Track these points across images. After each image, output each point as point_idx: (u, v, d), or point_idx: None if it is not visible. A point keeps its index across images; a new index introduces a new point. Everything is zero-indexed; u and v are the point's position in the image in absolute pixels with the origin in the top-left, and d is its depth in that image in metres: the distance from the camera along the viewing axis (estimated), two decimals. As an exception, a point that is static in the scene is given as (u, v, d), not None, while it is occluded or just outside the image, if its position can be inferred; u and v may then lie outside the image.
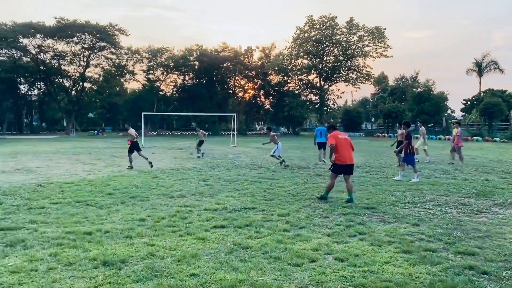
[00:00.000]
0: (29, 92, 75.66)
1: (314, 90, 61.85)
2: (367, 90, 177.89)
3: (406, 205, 8.31)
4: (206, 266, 4.75)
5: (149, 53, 65.02)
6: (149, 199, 8.80)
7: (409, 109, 53.90)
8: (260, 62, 66.20)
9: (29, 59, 64.01)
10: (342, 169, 8.75)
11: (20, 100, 73.13)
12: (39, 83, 70.51)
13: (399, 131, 15.62)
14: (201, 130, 21.49)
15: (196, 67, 66.94)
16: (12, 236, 5.83)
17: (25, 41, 59.97)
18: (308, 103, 62.65)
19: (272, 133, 16.92)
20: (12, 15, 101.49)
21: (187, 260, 4.89)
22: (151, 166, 14.84)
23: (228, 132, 59.00)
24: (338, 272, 4.59)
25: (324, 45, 57.10)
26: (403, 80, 78.15)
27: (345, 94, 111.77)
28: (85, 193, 9.49)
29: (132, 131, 15.68)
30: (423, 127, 18.36)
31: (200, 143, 20.41)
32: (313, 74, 60.48)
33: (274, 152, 15.93)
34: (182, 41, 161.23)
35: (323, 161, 16.72)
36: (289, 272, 4.60)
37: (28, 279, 4.28)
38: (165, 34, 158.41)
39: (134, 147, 15.43)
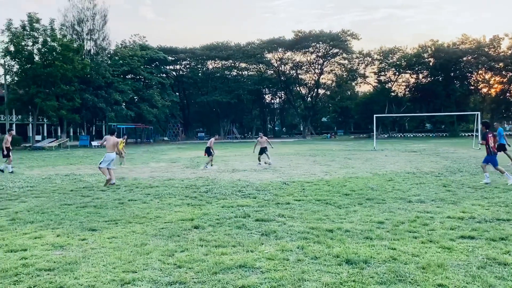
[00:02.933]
0: (272, 101, 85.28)
1: None
2: None
3: None
4: (455, 278, 4.34)
5: (381, 54, 64.38)
6: (385, 202, 8.65)
7: None
8: (510, 52, 57.28)
9: (272, 71, 72.14)
10: None
11: (265, 108, 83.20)
12: (280, 92, 78.66)
13: None
14: (264, 137, 18.61)
15: (430, 64, 62.80)
16: (266, 227, 6.61)
17: (269, 55, 67.91)
18: None
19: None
20: (259, 34, 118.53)
21: (433, 269, 4.57)
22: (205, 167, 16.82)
23: (469, 133, 53.16)
24: None
25: None
26: None
27: None
28: (324, 192, 10.03)
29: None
30: None
31: (262, 151, 17.90)
32: None
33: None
34: (415, 38, 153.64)
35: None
36: None
37: (282, 267, 4.75)
38: (396, 34, 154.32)
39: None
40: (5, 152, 16.40)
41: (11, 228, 6.78)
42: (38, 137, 51.13)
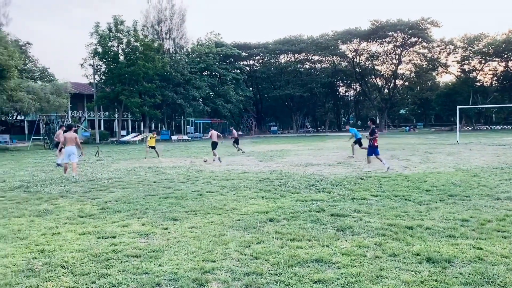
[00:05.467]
0: (346, 93, 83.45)
1: None
2: None
3: None
4: (552, 283, 3.99)
5: (465, 41, 60.23)
6: (470, 199, 8.14)
7: None
8: None
9: (346, 63, 70.50)
10: None
11: (338, 101, 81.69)
12: (354, 84, 76.70)
13: None
14: (214, 131, 20.01)
15: (523, 50, 57.61)
16: (341, 222, 6.52)
17: (343, 47, 66.41)
18: None
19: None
20: (334, 25, 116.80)
21: (526, 273, 4.24)
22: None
23: None
24: None
25: None
26: None
27: None
28: (402, 188, 9.65)
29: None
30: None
31: (214, 145, 18.83)
32: None
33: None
34: (505, 23, 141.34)
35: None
36: None
37: (359, 263, 4.68)
38: (482, 19, 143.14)
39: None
40: (59, 146, 17.99)
41: (102, 217, 7.36)
42: (123, 132, 54.69)
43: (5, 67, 28.62)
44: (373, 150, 13.33)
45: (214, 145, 18.79)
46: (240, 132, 67.13)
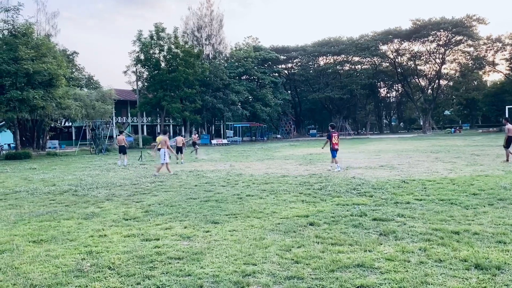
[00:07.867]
0: (388, 95, 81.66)
1: None
2: None
3: None
4: None
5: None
6: (522, 203, 7.75)
7: None
8: None
9: (387, 64, 69.01)
10: None
11: (380, 102, 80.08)
12: (396, 85, 74.96)
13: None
14: (180, 137, 21.94)
15: None
16: (384, 227, 6.38)
17: (384, 47, 65.07)
18: None
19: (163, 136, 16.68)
20: (373, 25, 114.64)
21: None
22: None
23: None
24: None
25: None
26: None
27: None
28: (448, 191, 9.33)
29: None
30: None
31: (179, 149, 21.08)
32: None
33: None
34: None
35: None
36: None
37: (402, 268, 4.56)
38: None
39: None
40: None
41: (146, 219, 7.56)
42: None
43: (54, 76, 30.04)
44: (333, 152, 14.91)
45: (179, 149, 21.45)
46: (278, 136, 67.15)
